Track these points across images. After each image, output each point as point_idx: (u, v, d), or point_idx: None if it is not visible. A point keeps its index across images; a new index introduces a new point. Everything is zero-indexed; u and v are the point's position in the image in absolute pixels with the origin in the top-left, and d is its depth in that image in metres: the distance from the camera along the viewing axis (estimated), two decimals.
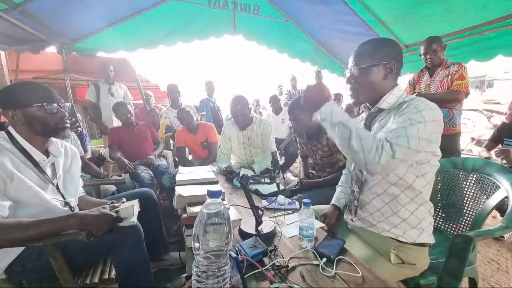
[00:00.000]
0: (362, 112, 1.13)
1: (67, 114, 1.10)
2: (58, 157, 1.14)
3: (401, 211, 0.95)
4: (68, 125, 1.11)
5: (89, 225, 0.89)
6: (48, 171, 1.08)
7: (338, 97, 3.57)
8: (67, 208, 1.10)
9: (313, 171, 1.99)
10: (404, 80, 2.72)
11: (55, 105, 1.04)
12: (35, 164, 1.02)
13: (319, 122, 0.92)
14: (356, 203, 1.07)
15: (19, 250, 0.97)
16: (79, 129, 2.51)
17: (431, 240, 0.97)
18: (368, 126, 1.03)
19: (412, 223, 0.95)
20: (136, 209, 1.11)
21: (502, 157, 2.01)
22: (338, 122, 0.85)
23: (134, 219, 1.03)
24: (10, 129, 1.02)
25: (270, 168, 1.20)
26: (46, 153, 1.09)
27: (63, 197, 1.10)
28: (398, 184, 0.93)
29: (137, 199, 1.20)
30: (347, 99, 3.56)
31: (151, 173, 2.36)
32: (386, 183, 0.95)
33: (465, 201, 1.20)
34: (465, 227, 1.17)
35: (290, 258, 0.87)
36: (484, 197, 1.12)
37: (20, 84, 1.04)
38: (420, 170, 0.90)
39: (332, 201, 1.26)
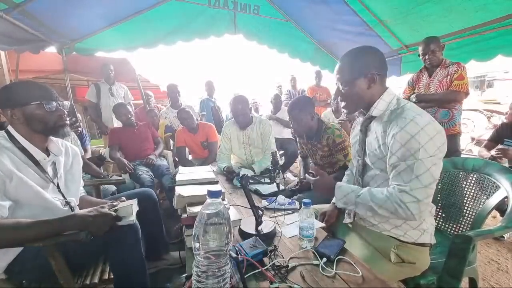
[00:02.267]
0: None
1: (66, 112, 1.09)
2: (59, 156, 1.13)
3: (413, 221, 0.94)
4: (67, 122, 1.10)
5: (88, 225, 0.89)
6: (49, 170, 1.08)
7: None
8: (67, 207, 1.10)
9: (313, 171, 1.99)
10: (404, 80, 2.73)
11: (54, 103, 1.04)
12: (36, 163, 1.02)
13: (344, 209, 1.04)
14: (362, 214, 1.07)
15: (18, 250, 0.97)
16: (79, 129, 2.51)
17: (432, 240, 0.97)
18: (364, 131, 1.05)
19: (413, 224, 0.95)
20: (135, 208, 1.11)
21: (500, 155, 2.01)
22: (355, 202, 0.95)
23: (133, 218, 1.03)
24: (10, 128, 1.02)
25: (270, 168, 1.20)
26: (47, 151, 1.09)
27: (63, 196, 1.10)
28: None
29: (136, 199, 1.20)
30: None
31: (151, 174, 2.35)
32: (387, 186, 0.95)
33: (465, 201, 1.20)
34: (465, 227, 1.17)
35: (290, 258, 0.87)
36: (484, 197, 1.12)
37: (18, 83, 1.04)
38: None
39: (333, 200, 1.26)
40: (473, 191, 1.19)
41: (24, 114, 0.99)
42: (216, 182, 1.52)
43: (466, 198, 1.20)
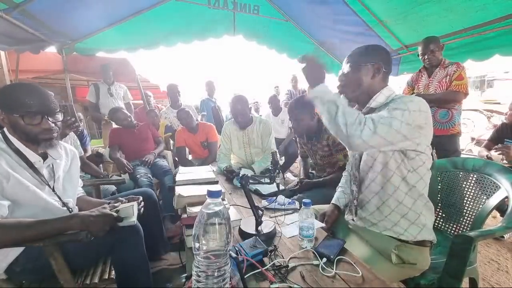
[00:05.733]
0: None
1: (52, 125, 1.03)
2: (57, 159, 1.12)
3: (399, 207, 0.96)
4: (54, 135, 1.04)
5: (89, 226, 0.89)
6: (45, 172, 1.07)
7: None
8: (65, 208, 1.10)
9: (313, 171, 1.99)
10: (402, 80, 2.73)
11: (39, 116, 0.98)
12: (30, 165, 1.01)
13: (311, 99, 0.97)
14: (356, 202, 1.08)
15: (19, 250, 0.97)
16: (80, 128, 2.50)
17: (432, 237, 0.97)
18: None
19: (411, 218, 0.96)
20: (136, 209, 1.11)
21: (500, 152, 2.02)
22: (329, 100, 0.92)
23: (134, 219, 1.04)
24: (5, 129, 1.01)
25: (270, 168, 1.20)
26: (44, 154, 1.07)
27: (59, 198, 1.09)
28: (393, 180, 0.95)
29: (136, 201, 1.20)
30: None
31: (150, 177, 2.30)
32: (382, 180, 0.97)
33: (465, 201, 1.20)
34: (465, 227, 1.17)
35: (290, 258, 0.87)
36: (484, 197, 1.12)
37: (13, 87, 1.00)
38: (411, 165, 0.93)
39: (333, 201, 1.27)
40: (473, 191, 1.19)
41: (10, 122, 0.97)
42: (216, 182, 1.52)
43: (466, 198, 1.20)
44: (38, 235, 0.84)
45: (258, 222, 1.04)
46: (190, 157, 2.94)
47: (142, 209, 1.19)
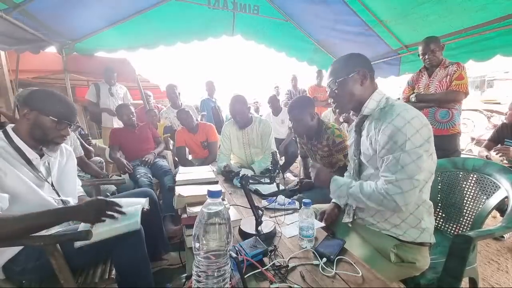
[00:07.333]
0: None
1: (70, 134, 1.15)
2: (52, 157, 1.16)
3: (400, 212, 0.95)
4: (64, 141, 1.16)
5: (80, 214, 0.94)
6: (42, 169, 1.10)
7: None
8: (62, 206, 1.11)
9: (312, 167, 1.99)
10: (403, 80, 2.73)
11: (66, 124, 1.10)
12: (28, 162, 1.04)
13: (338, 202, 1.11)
14: (354, 206, 1.08)
15: (16, 250, 0.97)
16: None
17: (431, 239, 0.97)
18: (358, 132, 1.08)
19: (412, 223, 0.95)
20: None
21: (500, 154, 2.02)
22: (347, 194, 1.00)
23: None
24: (8, 128, 1.05)
25: (270, 168, 1.20)
26: (40, 151, 1.11)
27: (58, 194, 1.12)
28: None
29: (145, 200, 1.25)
30: None
31: (150, 176, 2.31)
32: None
33: (465, 201, 1.20)
34: (465, 227, 1.17)
35: (290, 258, 0.87)
36: (484, 197, 1.12)
37: (53, 94, 1.09)
38: None
39: (333, 199, 1.27)
40: (473, 191, 1.19)
41: (36, 119, 1.04)
42: (216, 182, 1.52)
43: (466, 198, 1.20)
44: (38, 226, 0.87)
45: (258, 222, 1.04)
46: (190, 157, 2.94)
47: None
